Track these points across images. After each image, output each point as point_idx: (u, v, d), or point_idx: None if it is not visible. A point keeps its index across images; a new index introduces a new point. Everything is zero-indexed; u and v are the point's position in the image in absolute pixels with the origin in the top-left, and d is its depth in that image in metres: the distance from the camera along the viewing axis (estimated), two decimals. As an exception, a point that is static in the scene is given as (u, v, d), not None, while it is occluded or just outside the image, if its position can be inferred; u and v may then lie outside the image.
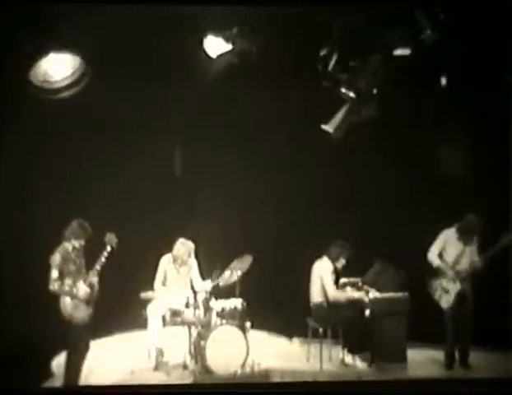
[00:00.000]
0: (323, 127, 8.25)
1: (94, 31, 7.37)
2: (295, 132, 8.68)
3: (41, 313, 7.33)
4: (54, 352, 7.68)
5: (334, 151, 8.56)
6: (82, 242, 7.03)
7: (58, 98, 7.82)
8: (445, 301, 7.91)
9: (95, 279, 7.02)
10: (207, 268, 8.17)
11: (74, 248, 7.01)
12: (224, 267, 7.95)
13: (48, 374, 7.49)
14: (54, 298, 6.95)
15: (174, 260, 8.04)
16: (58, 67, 7.78)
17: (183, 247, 8.01)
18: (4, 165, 7.70)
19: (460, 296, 7.89)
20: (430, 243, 8.00)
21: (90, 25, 7.30)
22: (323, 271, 8.07)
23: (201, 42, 7.84)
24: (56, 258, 6.95)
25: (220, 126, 8.74)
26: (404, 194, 8.68)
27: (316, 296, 8.08)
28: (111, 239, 7.08)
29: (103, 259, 7.01)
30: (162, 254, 8.12)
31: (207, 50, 7.87)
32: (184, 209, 8.87)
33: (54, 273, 6.91)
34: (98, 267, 7.02)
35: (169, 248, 8.14)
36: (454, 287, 7.89)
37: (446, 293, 7.90)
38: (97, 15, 7.21)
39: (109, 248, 7.02)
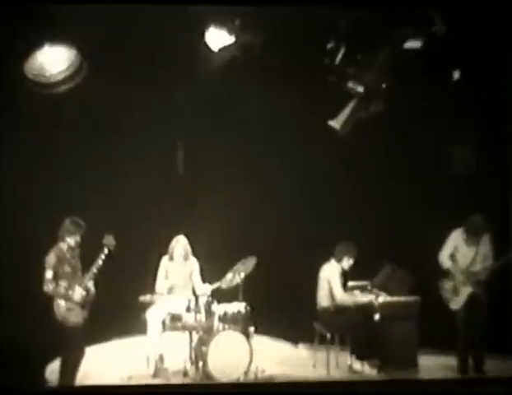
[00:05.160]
0: (330, 123, 8.17)
1: (91, 23, 7.30)
2: (300, 128, 8.58)
3: (34, 316, 7.27)
4: (48, 358, 7.58)
5: (340, 148, 8.51)
6: (78, 238, 6.93)
7: (54, 92, 7.77)
8: (455, 303, 7.74)
9: (91, 282, 6.92)
10: (210, 270, 8.05)
11: (69, 247, 6.92)
12: (226, 269, 7.83)
13: (41, 380, 7.35)
14: (48, 300, 6.85)
15: (171, 258, 7.95)
16: (53, 61, 7.74)
17: (178, 244, 7.91)
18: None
19: (472, 299, 7.72)
20: (440, 245, 7.83)
21: (87, 17, 7.25)
22: (330, 274, 7.95)
23: (202, 35, 7.76)
24: (51, 259, 6.86)
25: (222, 123, 8.65)
26: (413, 194, 8.55)
27: (323, 300, 7.95)
28: (109, 240, 7.00)
29: (100, 262, 6.93)
30: (162, 256, 8.02)
31: (208, 43, 7.78)
32: (185, 209, 8.74)
33: (49, 274, 6.81)
34: (95, 269, 6.92)
35: (169, 250, 8.07)
36: (466, 289, 7.72)
37: (456, 295, 7.73)
38: (94, 7, 7.15)
39: (106, 251, 6.96)
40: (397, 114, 8.19)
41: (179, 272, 7.92)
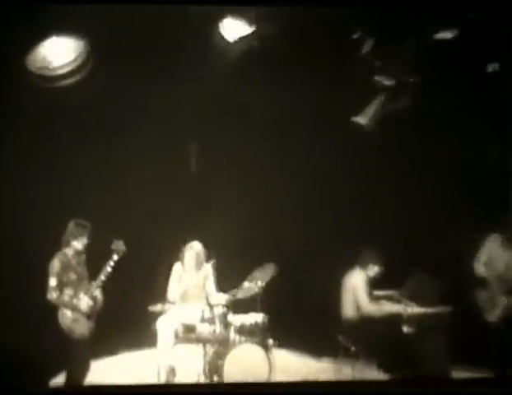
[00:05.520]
0: (355, 119, 8.08)
1: (98, 13, 7.23)
2: (322, 124, 8.31)
3: (37, 326, 7.10)
4: (51, 371, 7.35)
5: (366, 146, 8.28)
6: (85, 240, 6.83)
7: (58, 86, 7.68)
8: (492, 314, 7.56)
9: (98, 290, 6.83)
10: (225, 279, 7.80)
11: (75, 252, 6.82)
12: (243, 277, 7.69)
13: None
14: (52, 309, 6.73)
15: (183, 265, 7.74)
16: (58, 53, 7.70)
17: (191, 250, 7.70)
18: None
19: (510, 309, 7.51)
20: (473, 251, 7.67)
21: (94, 7, 7.23)
22: (355, 283, 7.68)
23: (217, 26, 7.72)
24: (55, 265, 6.74)
25: (238, 119, 8.37)
26: (446, 196, 8.29)
27: (348, 310, 7.68)
28: (118, 246, 6.89)
29: (108, 269, 6.82)
30: (174, 262, 7.79)
31: (223, 34, 7.74)
32: (199, 212, 8.46)
33: (53, 281, 6.70)
34: (103, 277, 6.82)
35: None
36: (503, 299, 7.52)
37: (493, 305, 7.57)
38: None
39: (115, 257, 6.85)
40: (426, 109, 8.01)
41: (191, 280, 7.69)
